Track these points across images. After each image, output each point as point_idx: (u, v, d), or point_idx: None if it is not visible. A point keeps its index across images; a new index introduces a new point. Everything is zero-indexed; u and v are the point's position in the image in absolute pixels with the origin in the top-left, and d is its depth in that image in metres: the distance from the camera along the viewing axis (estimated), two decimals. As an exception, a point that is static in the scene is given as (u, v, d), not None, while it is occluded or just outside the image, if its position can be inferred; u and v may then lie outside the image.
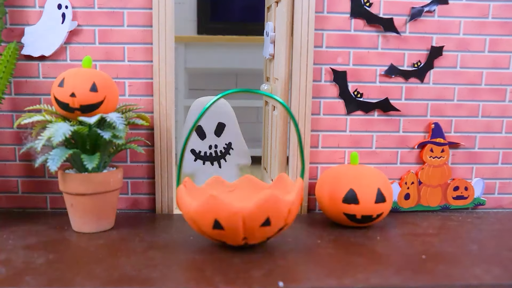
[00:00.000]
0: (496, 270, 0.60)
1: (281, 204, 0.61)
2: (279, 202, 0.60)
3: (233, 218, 0.59)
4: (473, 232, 0.76)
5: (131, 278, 0.56)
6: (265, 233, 0.62)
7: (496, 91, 0.86)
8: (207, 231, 0.62)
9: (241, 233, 0.61)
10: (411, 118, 0.86)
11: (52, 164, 0.64)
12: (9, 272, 0.57)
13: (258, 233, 0.61)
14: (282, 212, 0.61)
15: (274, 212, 0.60)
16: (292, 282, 0.55)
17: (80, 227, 0.72)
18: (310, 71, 0.81)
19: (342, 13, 0.82)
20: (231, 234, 0.61)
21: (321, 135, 0.85)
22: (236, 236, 0.61)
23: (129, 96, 0.82)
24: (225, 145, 0.95)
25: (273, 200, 0.60)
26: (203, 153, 0.94)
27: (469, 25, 0.84)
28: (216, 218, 0.60)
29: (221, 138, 0.94)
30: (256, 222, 0.60)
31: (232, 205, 0.59)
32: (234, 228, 0.60)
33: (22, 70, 0.80)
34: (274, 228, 0.62)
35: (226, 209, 0.59)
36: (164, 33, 0.79)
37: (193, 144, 0.94)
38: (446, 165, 0.86)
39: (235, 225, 0.60)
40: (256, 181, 0.77)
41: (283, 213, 0.61)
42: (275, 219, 0.61)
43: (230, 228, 0.60)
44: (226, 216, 0.59)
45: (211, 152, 0.94)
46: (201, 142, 0.93)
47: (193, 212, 0.62)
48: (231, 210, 0.59)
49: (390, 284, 0.55)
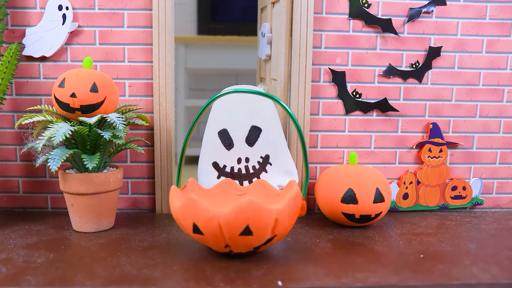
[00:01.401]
0: (494, 269, 0.60)
1: (263, 212, 0.55)
2: (261, 210, 0.55)
3: (210, 223, 0.56)
4: (471, 232, 0.76)
5: (131, 278, 0.56)
6: (249, 242, 0.57)
7: (494, 91, 0.87)
8: (190, 235, 0.60)
9: (221, 240, 0.57)
10: (409, 118, 0.86)
11: (52, 164, 0.65)
12: (10, 271, 0.57)
13: (240, 241, 0.57)
14: (265, 221, 0.56)
15: (255, 221, 0.55)
16: (291, 281, 0.56)
17: (81, 227, 0.73)
18: (309, 71, 0.82)
19: (340, 14, 0.82)
20: (212, 240, 0.58)
21: (320, 135, 0.85)
22: (218, 243, 0.58)
23: (129, 96, 0.82)
24: (261, 159, 0.72)
25: (252, 208, 0.55)
26: (229, 169, 0.71)
27: (466, 25, 0.84)
28: (194, 222, 0.57)
29: (254, 148, 0.72)
30: (234, 230, 0.56)
31: (208, 209, 0.56)
32: (213, 234, 0.57)
33: (23, 71, 0.81)
34: (259, 238, 0.57)
35: (203, 213, 0.56)
36: (164, 34, 0.79)
37: (216, 154, 0.71)
38: (444, 165, 0.87)
39: (212, 230, 0.56)
40: (268, 187, 0.70)
41: (267, 222, 0.56)
42: (258, 228, 0.56)
43: (209, 233, 0.57)
44: (203, 220, 0.56)
45: (240, 168, 0.71)
46: (226, 153, 0.70)
47: (176, 214, 0.60)
48: (207, 215, 0.56)
49: (388, 283, 0.56)
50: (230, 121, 0.72)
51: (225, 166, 0.71)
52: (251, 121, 0.72)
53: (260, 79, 1.04)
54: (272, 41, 0.90)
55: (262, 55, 0.94)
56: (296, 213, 0.60)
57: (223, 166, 0.71)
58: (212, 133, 0.73)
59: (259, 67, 1.04)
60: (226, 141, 0.71)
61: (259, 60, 1.03)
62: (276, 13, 0.87)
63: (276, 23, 0.86)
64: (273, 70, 0.89)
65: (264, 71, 0.98)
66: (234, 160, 0.71)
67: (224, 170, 0.72)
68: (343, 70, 0.84)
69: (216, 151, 0.72)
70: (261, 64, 1.01)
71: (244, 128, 0.71)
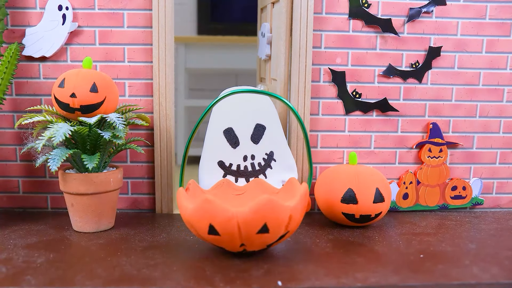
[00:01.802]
0: (494, 269, 0.60)
1: (280, 209, 0.56)
2: (278, 207, 0.56)
3: (228, 224, 0.55)
4: (471, 232, 0.76)
5: (131, 278, 0.56)
6: (264, 240, 0.58)
7: (494, 91, 0.87)
8: (204, 236, 0.60)
9: (237, 240, 0.57)
10: (409, 118, 0.86)
11: (52, 164, 0.65)
12: (10, 271, 0.57)
13: (256, 240, 0.57)
14: (281, 218, 0.57)
15: (272, 219, 0.56)
16: (291, 281, 0.56)
17: (81, 227, 0.73)
18: (309, 71, 0.82)
19: (340, 14, 0.82)
20: (227, 240, 0.58)
21: (320, 135, 0.85)
22: (233, 243, 0.58)
23: (129, 96, 0.82)
24: (266, 156, 0.73)
25: (270, 206, 0.55)
26: (236, 167, 0.72)
27: (466, 25, 0.84)
28: (211, 223, 0.57)
29: (259, 145, 0.73)
30: (252, 228, 0.56)
31: (226, 209, 0.55)
32: (230, 234, 0.56)
33: (23, 71, 0.81)
34: (274, 235, 0.58)
35: (220, 214, 0.56)
36: (164, 34, 0.79)
37: (221, 153, 0.72)
38: (444, 165, 0.87)
39: (230, 230, 0.56)
40: (265, 185, 0.71)
41: (283, 219, 0.57)
42: (274, 226, 0.57)
43: (226, 233, 0.57)
44: (221, 221, 0.56)
45: (246, 165, 0.72)
46: (232, 152, 0.72)
47: (189, 216, 0.59)
48: (226, 215, 0.55)
49: (388, 283, 0.56)
50: (235, 120, 0.73)
51: (231, 164, 0.72)
52: (256, 119, 0.73)
53: (260, 79, 1.03)
54: (272, 41, 0.90)
55: (262, 55, 0.94)
56: (305, 209, 0.61)
57: (229, 164, 0.72)
58: (217, 133, 0.74)
59: (259, 67, 1.04)
60: (231, 140, 0.72)
61: (259, 60, 1.03)
62: (276, 13, 0.87)
63: (276, 23, 0.86)
64: (273, 70, 0.89)
65: (264, 71, 0.98)
66: (240, 158, 0.72)
67: (230, 168, 0.73)
68: (343, 70, 0.84)
69: (222, 150, 0.72)
70: (261, 64, 1.01)
71: (249, 126, 0.73)
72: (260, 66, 1.02)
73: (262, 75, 1.01)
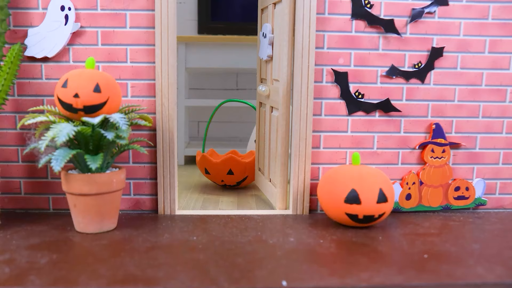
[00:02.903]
0: (498, 269, 0.60)
1: (238, 162, 1.06)
2: (236, 160, 1.07)
3: (213, 168, 1.08)
4: (474, 232, 0.76)
5: (135, 278, 0.56)
6: (233, 179, 1.08)
7: (496, 91, 0.87)
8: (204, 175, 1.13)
9: (219, 177, 1.09)
10: (412, 119, 0.86)
11: (55, 165, 0.65)
12: (13, 272, 0.57)
13: (229, 178, 1.08)
14: (240, 167, 1.07)
15: (234, 166, 1.06)
16: (295, 281, 0.56)
17: (83, 228, 0.73)
18: (312, 72, 0.82)
19: (343, 14, 0.82)
20: (214, 177, 1.10)
21: (323, 136, 0.85)
22: (217, 179, 1.09)
23: (131, 97, 0.82)
24: None
25: (232, 159, 1.06)
26: None
27: (469, 26, 0.84)
28: (205, 167, 1.10)
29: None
30: (224, 171, 1.07)
31: (210, 160, 1.08)
32: (215, 174, 1.09)
33: (25, 71, 0.81)
34: (238, 176, 1.08)
35: (208, 162, 1.09)
36: (167, 34, 0.79)
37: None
38: (447, 166, 0.87)
39: (214, 172, 1.09)
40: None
41: (241, 168, 1.07)
42: (236, 171, 1.07)
43: (213, 173, 1.09)
44: (209, 165, 1.09)
45: None
46: None
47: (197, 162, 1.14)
48: (211, 162, 1.08)
49: (393, 283, 0.56)
50: None
51: None
52: None
53: (260, 80, 1.03)
54: (273, 41, 0.90)
55: (264, 56, 0.94)
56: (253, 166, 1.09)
57: None
58: None
59: (259, 67, 1.03)
60: None
61: (260, 60, 1.03)
62: (278, 14, 0.86)
63: (278, 23, 0.86)
64: (275, 70, 0.89)
65: (265, 72, 0.98)
66: None
67: None
68: (345, 71, 0.83)
69: None
70: (262, 65, 1.01)
71: None
72: (261, 67, 1.02)
73: (263, 76, 1.00)
